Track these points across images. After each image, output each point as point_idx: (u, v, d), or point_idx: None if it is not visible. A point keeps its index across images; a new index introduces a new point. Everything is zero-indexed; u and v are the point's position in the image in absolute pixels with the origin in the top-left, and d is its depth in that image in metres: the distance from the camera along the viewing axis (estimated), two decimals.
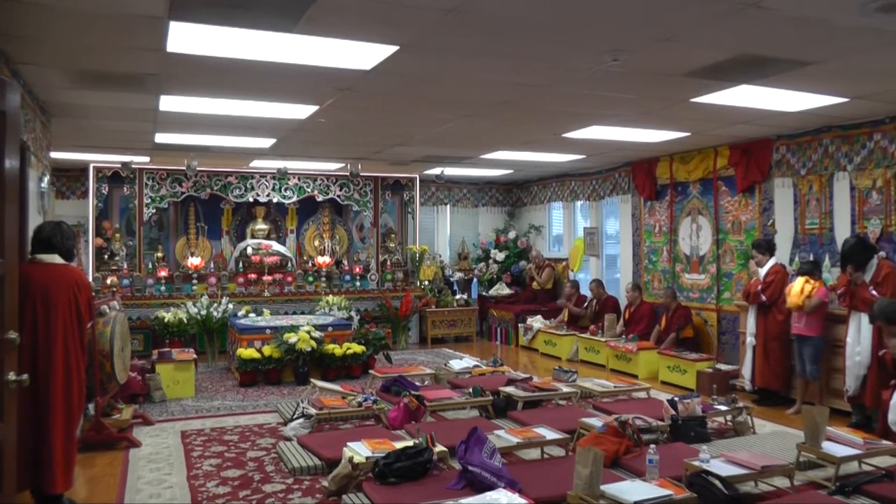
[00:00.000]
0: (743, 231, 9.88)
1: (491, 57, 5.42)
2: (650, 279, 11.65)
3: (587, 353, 11.21)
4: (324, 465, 5.71)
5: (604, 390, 7.95)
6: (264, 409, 7.99)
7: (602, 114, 7.75)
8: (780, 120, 8.12)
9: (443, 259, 14.59)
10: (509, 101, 6.98)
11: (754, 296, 8.37)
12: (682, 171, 10.74)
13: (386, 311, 12.54)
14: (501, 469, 4.99)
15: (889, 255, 7.74)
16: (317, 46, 5.05)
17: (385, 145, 9.88)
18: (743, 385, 8.64)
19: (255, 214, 13.05)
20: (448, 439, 5.71)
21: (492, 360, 9.72)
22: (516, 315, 13.12)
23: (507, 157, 11.02)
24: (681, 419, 6.51)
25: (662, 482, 4.71)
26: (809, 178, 8.83)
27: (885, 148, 7.91)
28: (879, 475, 5.33)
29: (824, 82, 6.41)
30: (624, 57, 5.43)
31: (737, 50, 5.37)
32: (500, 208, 15.63)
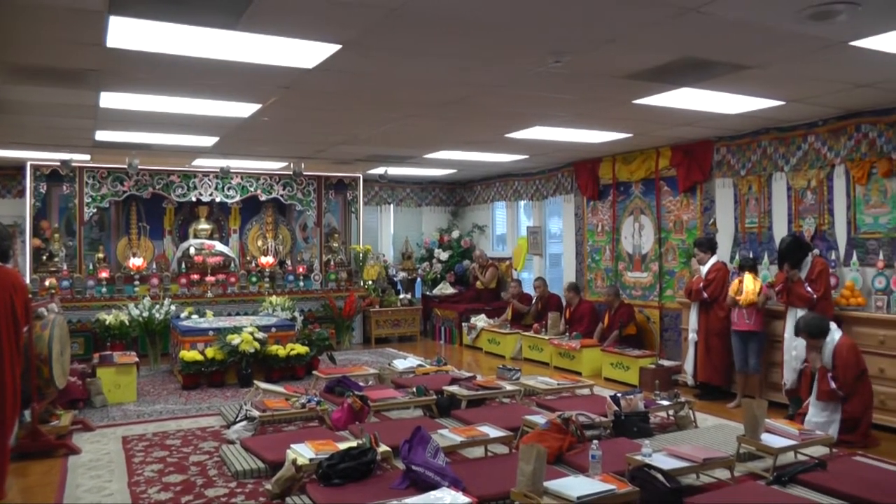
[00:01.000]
0: (685, 230, 10.04)
1: (434, 56, 5.42)
2: (593, 277, 11.77)
3: (531, 351, 11.29)
4: (267, 468, 5.65)
5: (547, 388, 8.01)
6: (207, 412, 7.88)
7: (545, 114, 7.81)
8: (721, 122, 8.28)
9: (386, 259, 14.57)
10: (453, 100, 7.00)
11: (696, 293, 8.52)
12: (625, 171, 10.88)
13: (329, 312, 12.48)
14: (445, 468, 5.00)
15: (822, 252, 7.95)
16: (259, 44, 5.00)
17: (328, 144, 9.82)
18: (685, 380, 8.81)
19: (197, 214, 12.88)
20: (392, 439, 5.71)
21: (436, 359, 9.73)
22: (460, 314, 13.15)
23: (450, 156, 11.05)
24: (623, 415, 6.60)
25: (605, 477, 4.76)
26: (749, 179, 9.03)
27: (818, 150, 8.13)
28: (813, 464, 5.52)
29: (762, 86, 6.56)
30: (566, 58, 5.48)
31: (678, 53, 5.45)
32: (444, 208, 15.66)
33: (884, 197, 7.59)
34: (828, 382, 6.48)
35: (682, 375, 8.95)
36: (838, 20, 4.62)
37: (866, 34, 5.02)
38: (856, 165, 7.77)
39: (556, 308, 11.63)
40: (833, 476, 5.30)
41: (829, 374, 6.52)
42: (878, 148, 7.53)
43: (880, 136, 7.51)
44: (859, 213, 7.83)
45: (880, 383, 6.90)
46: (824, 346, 6.62)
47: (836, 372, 6.50)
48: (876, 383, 6.80)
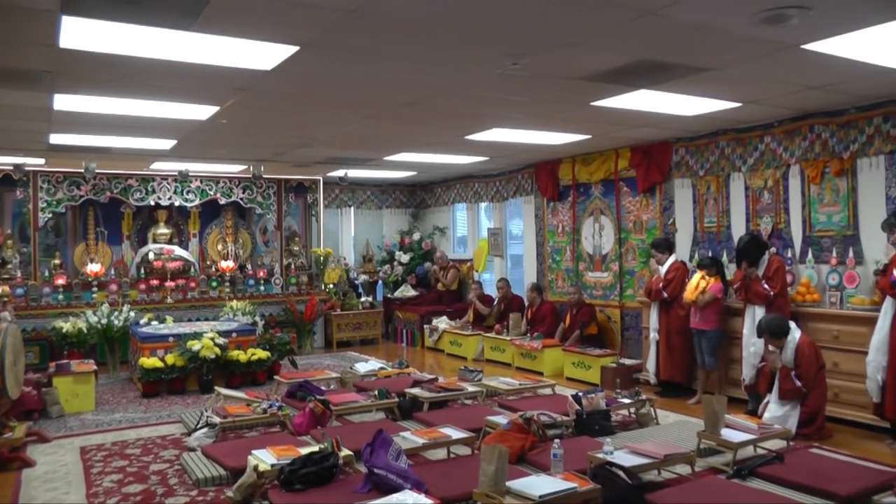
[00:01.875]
0: (644, 230, 10.13)
1: (393, 58, 5.41)
2: (554, 278, 11.83)
3: (493, 352, 11.31)
4: (229, 475, 5.59)
5: (509, 388, 8.04)
6: (168, 419, 7.77)
7: (504, 116, 7.83)
8: (679, 123, 8.36)
9: (347, 262, 14.52)
10: (412, 102, 6.99)
11: (656, 293, 8.60)
12: (585, 172, 10.94)
13: (291, 316, 12.38)
14: (407, 470, 5.00)
15: (779, 250, 8.09)
16: (216, 45, 4.95)
17: (288, 147, 9.77)
18: (647, 378, 8.90)
19: (156, 218, 12.72)
20: (354, 443, 5.69)
21: (397, 361, 9.71)
22: (421, 316, 13.14)
23: (410, 158, 11.04)
24: (585, 413, 6.65)
25: (567, 475, 4.79)
26: (707, 179, 9.14)
27: (774, 150, 8.26)
28: (771, 457, 5.62)
29: (719, 88, 6.65)
30: (525, 60, 5.50)
31: (636, 55, 5.50)
32: (405, 210, 15.64)
33: (836, 196, 7.73)
34: (792, 381, 6.59)
35: (644, 373, 9.04)
36: (791, 24, 4.71)
37: (817, 38, 5.12)
38: (810, 165, 7.91)
39: (518, 309, 11.66)
40: (790, 468, 5.42)
41: (791, 372, 6.62)
42: (831, 148, 7.67)
43: (832, 136, 7.65)
44: (814, 211, 7.97)
45: (834, 377, 7.04)
46: (786, 346, 6.73)
47: (799, 370, 6.62)
48: (830, 377, 6.94)
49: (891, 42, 5.24)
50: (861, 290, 7.32)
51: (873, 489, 4.98)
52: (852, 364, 6.96)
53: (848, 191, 7.62)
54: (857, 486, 4.99)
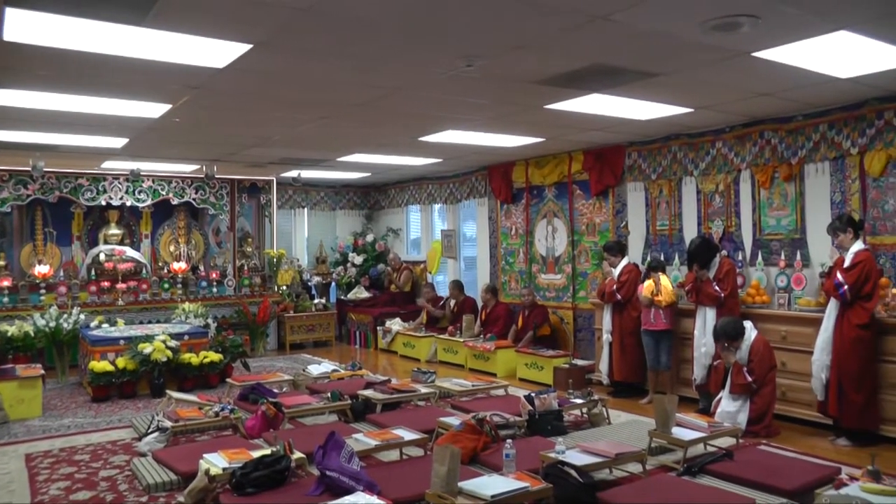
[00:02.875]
0: (597, 233, 10.22)
1: (346, 58, 5.39)
2: (507, 280, 11.87)
3: (446, 353, 11.32)
4: (180, 480, 5.50)
5: (462, 389, 8.05)
6: (118, 424, 7.62)
7: (458, 118, 7.85)
8: (632, 127, 8.45)
9: (300, 263, 14.43)
10: (366, 103, 6.97)
11: (609, 295, 8.67)
12: (538, 175, 11.00)
13: (243, 318, 12.25)
14: (360, 472, 4.98)
15: (730, 253, 8.23)
16: (167, 42, 4.87)
17: (241, 146, 9.68)
18: (600, 379, 8.98)
19: (107, 218, 12.44)
20: (307, 445, 5.64)
21: (350, 363, 9.66)
22: (375, 318, 13.10)
23: (364, 159, 11.01)
24: (538, 414, 6.68)
25: (519, 475, 4.80)
26: (660, 183, 9.25)
27: (725, 155, 8.40)
28: (721, 455, 5.70)
29: (671, 93, 6.74)
30: (479, 62, 5.51)
31: (589, 60, 5.54)
32: (358, 211, 15.59)
33: (785, 200, 7.89)
34: (744, 376, 6.75)
35: (597, 374, 9.11)
36: (741, 32, 4.80)
37: (766, 46, 5.23)
38: (760, 170, 8.07)
39: (471, 310, 11.68)
40: (739, 465, 5.50)
41: (744, 367, 6.79)
42: (780, 154, 7.84)
43: (781, 142, 7.82)
44: (763, 215, 8.12)
45: (782, 376, 7.19)
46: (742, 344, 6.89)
47: (751, 366, 6.78)
48: (778, 376, 7.09)
49: (834, 52, 5.41)
50: (808, 292, 7.49)
51: (816, 483, 5.09)
52: (799, 363, 7.12)
53: (796, 195, 7.78)
54: (801, 480, 5.11)
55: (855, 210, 7.20)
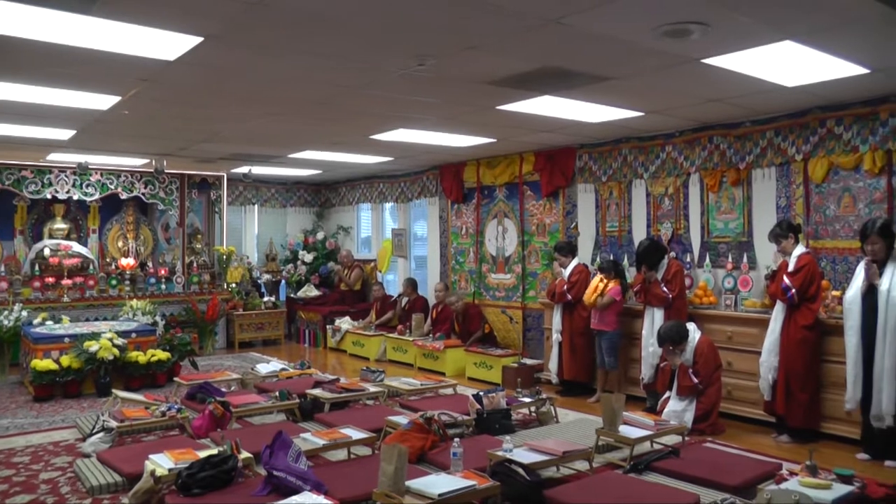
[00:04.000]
0: (547, 233, 10.29)
1: (298, 54, 5.35)
2: (457, 279, 11.91)
3: (395, 352, 11.31)
4: (125, 481, 5.38)
5: (411, 388, 8.05)
6: (61, 425, 7.43)
7: (410, 117, 7.84)
8: (583, 130, 8.52)
9: (250, 260, 14.31)
10: (317, 100, 6.93)
11: (560, 295, 8.73)
12: (489, 175, 11.04)
13: (192, 315, 12.10)
14: (307, 472, 4.94)
15: (678, 255, 8.36)
16: (116, 32, 4.74)
17: (191, 141, 9.56)
18: (549, 378, 9.04)
19: (53, 212, 12.19)
20: (254, 445, 5.58)
21: (299, 362, 9.63)
22: (324, 317, 13.03)
23: (315, 156, 10.95)
24: (486, 412, 6.71)
25: (467, 473, 4.82)
26: (610, 185, 9.34)
27: (675, 159, 8.52)
28: (667, 452, 5.81)
29: (622, 97, 6.82)
30: (430, 62, 5.52)
31: (540, 62, 5.58)
32: (309, 209, 15.51)
33: (732, 204, 8.04)
34: (690, 378, 6.88)
35: (546, 373, 9.18)
36: (691, 39, 4.87)
37: (716, 53, 5.33)
38: (709, 174, 8.21)
39: (421, 309, 11.68)
40: (685, 462, 5.62)
41: (689, 370, 6.91)
42: (728, 159, 7.99)
43: (730, 147, 7.97)
44: (712, 218, 8.26)
45: (728, 375, 7.34)
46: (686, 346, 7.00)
47: (696, 367, 6.91)
48: (724, 375, 7.24)
49: (780, 61, 5.54)
50: (754, 294, 7.64)
51: (759, 478, 5.22)
52: (745, 363, 7.28)
53: (743, 199, 7.93)
54: (745, 476, 5.24)
55: (798, 214, 7.37)
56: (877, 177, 6.87)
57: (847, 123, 7.01)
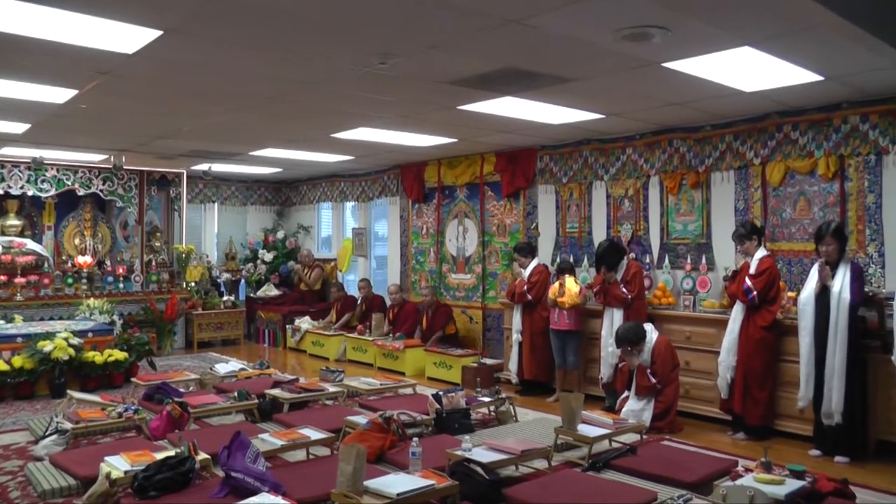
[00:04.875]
0: (508, 234, 10.32)
1: (259, 49, 5.29)
2: (417, 279, 11.91)
3: (355, 352, 11.28)
4: (79, 485, 5.25)
5: (370, 388, 8.05)
6: (13, 427, 7.22)
7: (371, 116, 7.82)
8: (544, 131, 8.56)
9: (210, 259, 14.17)
10: (278, 97, 6.88)
11: (520, 296, 8.76)
12: (450, 175, 11.06)
13: (151, 315, 11.94)
14: (265, 473, 4.91)
15: (638, 256, 8.45)
16: (74, 23, 4.64)
17: (151, 137, 9.42)
18: (509, 378, 9.08)
19: (6, 209, 11.92)
20: (212, 446, 5.53)
21: (258, 362, 9.55)
22: (284, 316, 12.94)
23: (276, 154, 10.88)
24: (445, 412, 6.72)
25: (426, 473, 4.83)
26: (570, 186, 9.40)
27: (635, 161, 8.61)
28: (625, 450, 5.87)
29: (583, 99, 6.86)
30: (392, 60, 5.50)
31: (502, 62, 5.59)
32: (270, 207, 15.40)
33: (692, 206, 8.14)
34: (648, 378, 6.96)
35: (506, 373, 9.21)
36: (653, 42, 4.91)
37: (676, 57, 5.39)
38: (668, 177, 8.31)
39: (380, 309, 11.66)
40: (642, 459, 5.69)
41: (647, 370, 6.99)
42: (688, 162, 8.10)
43: (689, 150, 8.08)
44: (671, 220, 8.36)
45: (686, 375, 7.44)
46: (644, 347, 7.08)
47: (654, 367, 7.00)
48: (682, 375, 7.34)
49: (739, 67, 5.62)
50: (712, 295, 7.74)
51: (715, 475, 5.29)
52: (702, 363, 7.39)
53: (702, 202, 8.03)
54: (701, 473, 5.32)
55: (756, 217, 7.48)
56: (830, 181, 7.03)
57: (803, 129, 7.16)
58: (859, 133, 6.78)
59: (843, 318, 6.02)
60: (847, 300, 6.04)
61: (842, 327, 6.01)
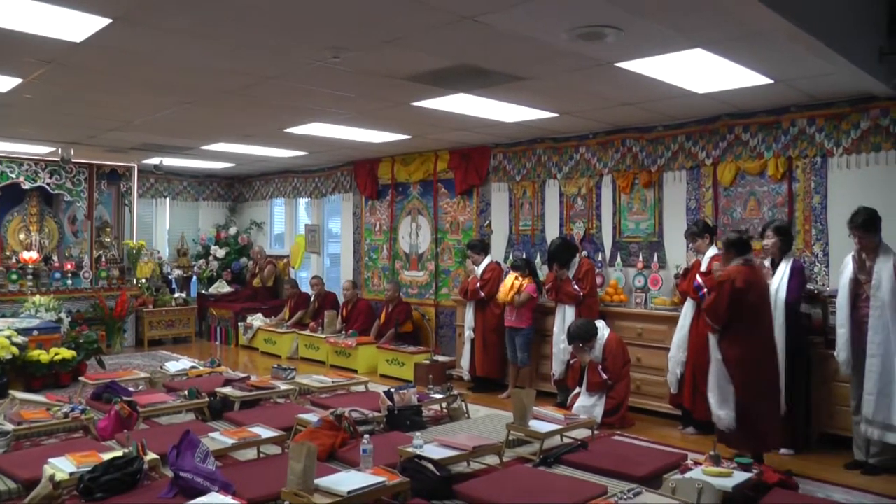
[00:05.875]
0: (461, 231, 10.35)
1: (210, 40, 5.21)
2: (370, 276, 11.89)
3: (307, 350, 11.22)
4: (20, 488, 5.06)
5: (322, 386, 8.02)
6: None
7: (324, 111, 7.77)
8: (498, 129, 8.59)
9: (161, 255, 13.97)
10: (231, 90, 6.80)
11: (473, 293, 8.79)
12: (404, 172, 11.05)
13: (100, 312, 11.72)
14: (215, 472, 4.84)
15: (590, 254, 8.52)
16: (19, 8, 4.51)
17: (100, 129, 9.24)
18: (461, 375, 9.10)
19: None
20: (161, 446, 5.41)
21: (210, 360, 9.45)
22: (236, 313, 12.82)
23: (229, 149, 10.77)
24: (397, 409, 6.71)
25: (377, 470, 4.81)
26: (524, 184, 9.44)
27: (588, 160, 8.68)
28: (576, 445, 5.92)
29: (537, 97, 6.90)
30: (346, 55, 5.48)
31: (456, 59, 5.59)
32: (222, 203, 15.23)
33: (644, 205, 8.23)
34: (599, 374, 7.04)
35: (458, 370, 9.23)
36: (606, 42, 4.96)
37: (629, 57, 5.44)
38: (621, 176, 8.40)
39: (333, 306, 11.62)
40: (593, 454, 5.73)
41: (599, 366, 7.06)
42: (640, 161, 8.20)
43: (642, 150, 8.18)
44: (623, 219, 8.44)
45: (637, 371, 7.55)
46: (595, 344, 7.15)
47: (605, 364, 7.07)
48: (633, 371, 7.47)
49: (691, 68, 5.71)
50: (663, 292, 7.84)
51: (665, 469, 5.38)
52: (653, 359, 7.49)
53: (654, 201, 8.13)
54: (651, 467, 5.38)
55: (708, 216, 7.58)
56: (779, 182, 7.18)
57: (753, 131, 7.31)
58: (806, 136, 6.96)
59: (780, 315, 6.15)
60: (783, 298, 6.19)
61: (778, 324, 6.13)
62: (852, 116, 6.68)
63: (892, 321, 5.58)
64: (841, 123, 6.75)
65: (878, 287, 5.62)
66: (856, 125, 6.66)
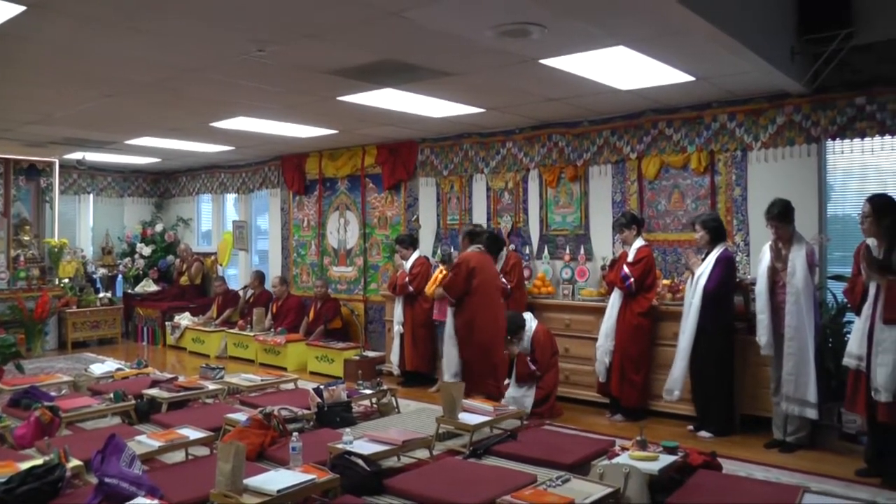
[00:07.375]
0: (389, 226, 10.35)
1: (132, 31, 5.08)
2: (299, 272, 11.81)
3: (236, 348, 11.09)
4: None
5: (251, 385, 7.95)
6: None
7: (250, 105, 7.69)
8: (425, 124, 8.62)
9: (84, 254, 13.63)
10: (155, 83, 6.67)
11: (401, 287, 8.81)
12: (331, 167, 11.01)
13: (18, 314, 11.37)
14: (141, 477, 4.75)
15: (517, 247, 8.61)
16: None
17: (18, 123, 8.97)
18: (391, 370, 9.10)
19: None
20: (85, 452, 5.26)
21: (136, 361, 9.27)
22: (163, 313, 12.58)
23: (153, 143, 10.57)
24: (326, 406, 6.69)
25: (306, 468, 4.80)
26: (451, 179, 9.48)
27: (515, 155, 8.76)
28: (505, 436, 6.03)
29: (463, 93, 6.94)
30: (270, 48, 5.44)
31: (381, 54, 5.60)
32: (147, 199, 14.93)
33: (570, 199, 8.34)
34: (528, 365, 7.13)
35: (388, 365, 9.23)
36: (530, 39, 5.02)
37: (553, 54, 5.53)
38: (548, 170, 8.49)
39: (266, 304, 11.50)
40: (522, 444, 5.85)
41: (527, 357, 7.15)
42: (566, 156, 8.30)
43: (568, 145, 8.30)
44: (550, 212, 8.54)
45: (566, 361, 7.68)
46: (523, 336, 7.23)
47: (534, 355, 7.16)
48: (562, 361, 7.58)
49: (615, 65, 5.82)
50: (590, 283, 7.99)
51: (593, 455, 5.49)
52: (581, 349, 7.63)
53: (581, 194, 8.25)
54: (579, 454, 5.51)
55: (633, 209, 7.74)
56: (702, 175, 7.37)
57: (676, 126, 7.48)
58: (727, 130, 7.16)
59: (696, 302, 6.42)
60: (702, 285, 6.42)
61: (694, 310, 6.43)
62: (769, 112, 6.91)
63: (805, 306, 5.88)
64: (759, 119, 6.97)
65: (794, 274, 5.92)
66: (772, 120, 6.89)
